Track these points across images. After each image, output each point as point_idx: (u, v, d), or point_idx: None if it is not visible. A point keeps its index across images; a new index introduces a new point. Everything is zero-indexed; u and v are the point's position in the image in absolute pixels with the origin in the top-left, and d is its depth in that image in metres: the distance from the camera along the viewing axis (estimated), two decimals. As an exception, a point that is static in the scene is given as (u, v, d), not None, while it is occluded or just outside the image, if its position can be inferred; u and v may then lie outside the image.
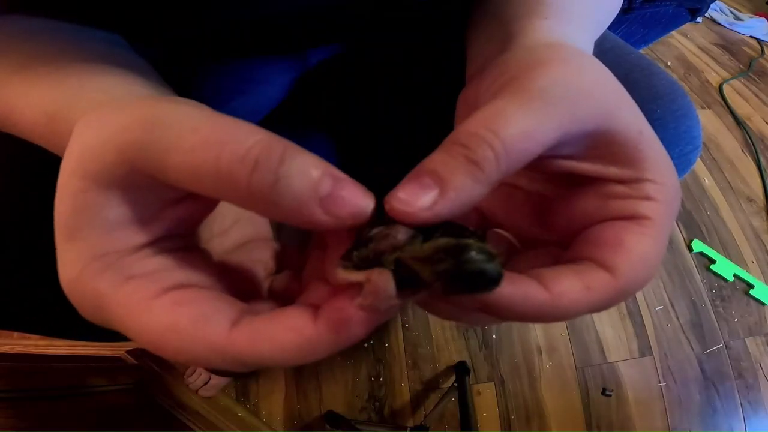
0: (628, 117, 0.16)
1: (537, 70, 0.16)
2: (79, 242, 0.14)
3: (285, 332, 0.12)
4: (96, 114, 0.15)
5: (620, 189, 0.17)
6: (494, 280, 0.13)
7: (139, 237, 0.14)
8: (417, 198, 0.13)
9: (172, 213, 0.15)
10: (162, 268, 0.15)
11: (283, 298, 0.18)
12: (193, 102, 0.15)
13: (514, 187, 0.21)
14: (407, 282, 0.13)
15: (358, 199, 0.13)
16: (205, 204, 0.17)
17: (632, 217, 0.16)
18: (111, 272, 0.13)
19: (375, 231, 0.14)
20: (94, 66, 0.20)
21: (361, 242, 0.14)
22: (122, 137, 0.13)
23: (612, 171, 0.17)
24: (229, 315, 0.13)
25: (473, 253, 0.12)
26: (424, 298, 0.14)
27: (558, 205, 0.19)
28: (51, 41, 0.21)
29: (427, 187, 0.14)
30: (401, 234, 0.14)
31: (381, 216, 0.14)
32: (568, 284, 0.14)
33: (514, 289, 0.14)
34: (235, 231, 0.21)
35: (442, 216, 0.14)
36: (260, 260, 0.20)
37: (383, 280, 0.13)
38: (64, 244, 0.14)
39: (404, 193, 0.14)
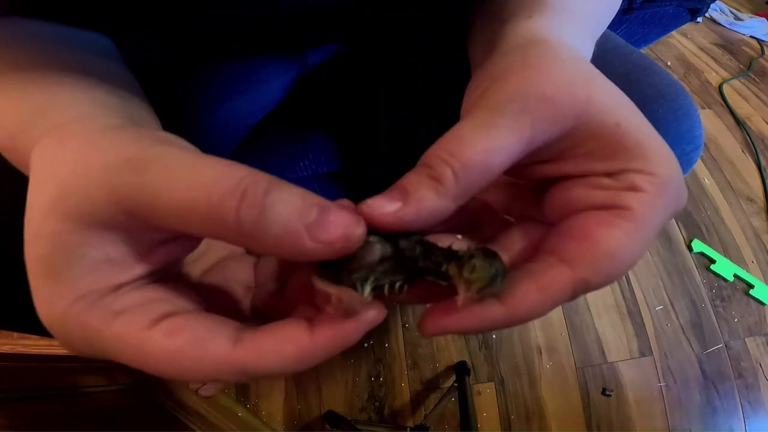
0: (600, 111, 0.16)
1: (497, 83, 0.17)
2: (60, 282, 0.14)
3: (286, 344, 0.13)
4: (64, 146, 0.14)
5: (605, 180, 0.17)
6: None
7: (124, 276, 0.15)
8: (382, 205, 0.15)
9: (156, 253, 0.16)
10: (147, 300, 0.15)
11: (264, 315, 0.19)
12: (176, 139, 0.15)
13: (515, 178, 0.21)
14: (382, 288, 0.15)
15: (346, 223, 0.13)
16: (190, 243, 0.17)
17: (611, 207, 0.16)
18: (98, 309, 0.14)
19: None
20: (69, 79, 0.20)
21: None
22: (112, 179, 0.13)
23: (596, 166, 0.17)
24: (227, 333, 0.14)
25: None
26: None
27: (549, 195, 0.19)
28: (32, 49, 0.21)
29: (393, 198, 0.15)
30: (374, 255, 0.15)
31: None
32: (523, 292, 0.15)
33: (468, 315, 0.15)
34: (211, 253, 0.21)
35: (406, 221, 0.15)
36: (237, 277, 0.20)
37: (353, 299, 0.14)
38: (43, 281, 0.14)
39: (372, 201, 0.15)
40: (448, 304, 0.15)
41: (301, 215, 0.13)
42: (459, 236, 0.17)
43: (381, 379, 0.87)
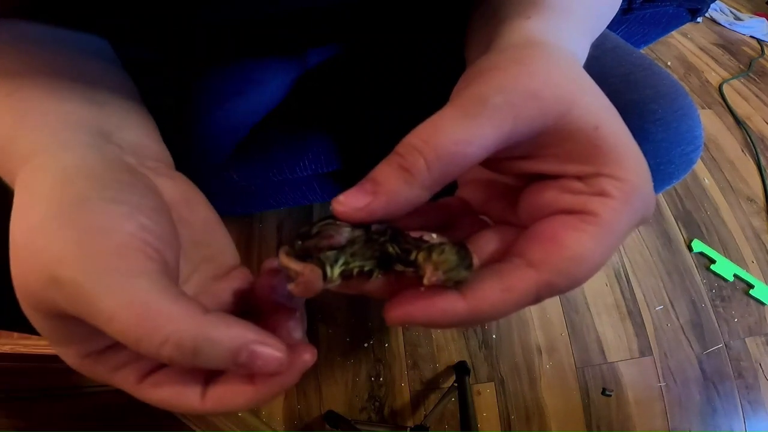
0: (581, 113, 0.16)
1: (485, 76, 0.17)
2: (63, 348, 0.16)
3: (238, 397, 0.16)
4: (27, 215, 0.15)
5: (576, 184, 0.17)
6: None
7: (106, 340, 0.16)
8: (353, 200, 0.15)
9: None
10: (135, 357, 0.17)
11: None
12: (126, 248, 0.15)
13: (494, 177, 0.21)
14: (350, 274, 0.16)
15: (273, 358, 0.15)
16: None
17: (579, 212, 0.16)
18: (101, 366, 0.17)
19: (319, 226, 0.16)
20: (52, 87, 0.20)
21: (306, 235, 0.16)
22: (39, 292, 0.14)
23: (570, 168, 0.17)
24: (198, 390, 0.16)
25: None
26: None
27: (523, 196, 0.19)
28: (20, 55, 0.20)
29: (364, 191, 0.16)
30: (342, 236, 0.16)
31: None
32: (487, 290, 0.15)
33: (431, 305, 0.15)
34: (195, 278, 0.20)
35: (378, 214, 0.15)
36: (233, 288, 0.20)
37: (314, 276, 0.15)
38: (55, 347, 0.17)
39: (344, 197, 0.16)
40: (414, 293, 0.15)
41: (233, 360, 0.14)
42: (434, 235, 0.17)
43: (381, 379, 0.87)
